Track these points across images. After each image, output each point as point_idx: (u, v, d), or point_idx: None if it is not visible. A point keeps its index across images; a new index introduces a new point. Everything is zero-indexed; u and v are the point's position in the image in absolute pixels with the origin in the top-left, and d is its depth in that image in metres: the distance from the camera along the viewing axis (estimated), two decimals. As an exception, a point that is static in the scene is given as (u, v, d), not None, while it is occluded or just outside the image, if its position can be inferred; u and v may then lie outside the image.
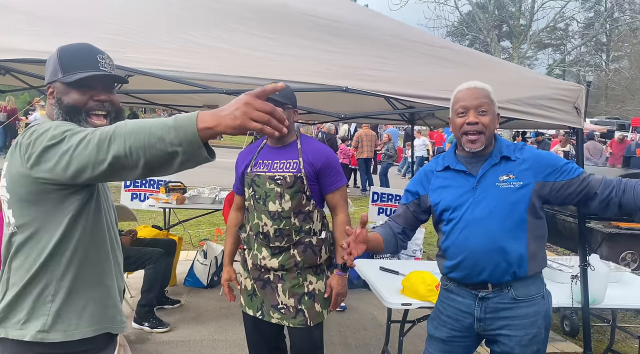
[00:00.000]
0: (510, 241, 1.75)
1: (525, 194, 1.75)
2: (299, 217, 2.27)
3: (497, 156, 1.81)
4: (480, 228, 1.77)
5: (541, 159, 1.80)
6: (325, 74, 2.53)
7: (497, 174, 1.79)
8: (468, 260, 1.81)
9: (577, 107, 2.59)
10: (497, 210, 1.76)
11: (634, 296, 2.86)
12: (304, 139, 2.37)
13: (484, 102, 1.77)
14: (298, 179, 2.25)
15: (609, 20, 17.62)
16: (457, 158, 1.90)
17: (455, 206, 1.82)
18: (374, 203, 6.49)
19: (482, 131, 1.77)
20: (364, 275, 2.99)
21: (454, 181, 1.86)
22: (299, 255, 2.28)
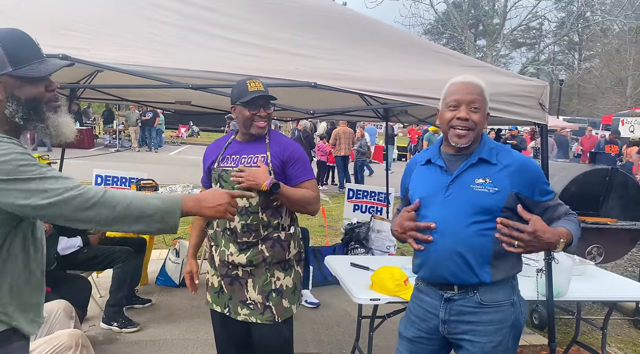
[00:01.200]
0: (473, 245, 1.71)
1: (498, 200, 1.69)
2: (267, 212, 2.25)
3: (475, 157, 1.75)
4: (446, 229, 1.73)
5: (526, 171, 1.73)
6: (294, 71, 2.52)
7: (474, 176, 1.73)
8: (431, 260, 1.78)
9: (541, 103, 2.64)
10: (465, 212, 1.71)
11: (597, 289, 2.93)
12: (272, 134, 2.36)
13: (477, 98, 1.72)
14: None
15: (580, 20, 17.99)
16: (440, 153, 1.85)
17: (426, 202, 1.80)
18: (349, 200, 6.50)
19: (472, 128, 1.72)
20: (334, 271, 2.99)
21: (431, 176, 1.83)
22: (267, 250, 2.26)
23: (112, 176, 5.84)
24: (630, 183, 4.29)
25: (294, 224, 2.39)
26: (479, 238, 1.70)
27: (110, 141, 19.49)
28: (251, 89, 2.21)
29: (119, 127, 19.32)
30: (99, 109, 23.70)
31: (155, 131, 19.28)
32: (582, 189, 4.20)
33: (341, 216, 6.93)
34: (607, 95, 24.87)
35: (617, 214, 4.26)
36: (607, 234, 4.11)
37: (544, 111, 2.65)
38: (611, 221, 4.08)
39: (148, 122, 18.71)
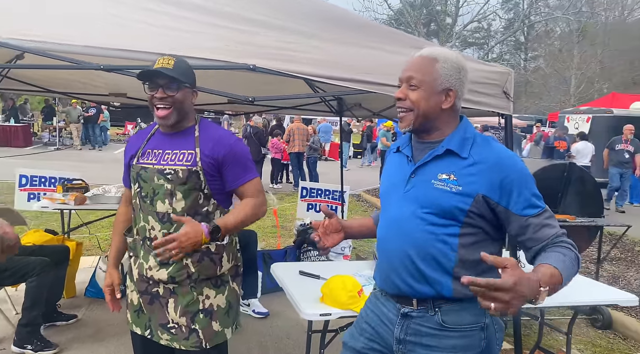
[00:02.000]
0: (427, 251, 1.43)
1: (462, 202, 1.38)
2: (195, 220, 1.89)
3: (442, 147, 1.46)
4: (400, 229, 1.49)
5: (501, 170, 1.37)
6: (229, 51, 2.16)
7: (438, 170, 1.45)
8: (384, 265, 1.55)
9: (506, 91, 2.41)
10: (423, 212, 1.44)
11: (562, 292, 2.74)
12: (204, 126, 1.98)
13: (415, 74, 1.46)
14: (193, 173, 1.87)
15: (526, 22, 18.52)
16: (411, 140, 1.60)
17: (387, 195, 1.58)
18: (302, 199, 6.19)
19: (410, 108, 1.47)
20: (281, 282, 2.65)
21: (397, 166, 1.60)
22: (194, 265, 1.90)
23: (38, 176, 5.27)
24: (587, 179, 4.21)
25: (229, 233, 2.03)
26: (436, 244, 1.42)
27: (49, 139, 18.28)
28: (156, 66, 1.83)
29: (59, 125, 18.15)
30: (39, 105, 22.21)
31: (99, 128, 18.28)
32: (541, 185, 4.02)
33: (295, 215, 6.60)
34: (553, 93, 25.80)
35: (575, 211, 4.15)
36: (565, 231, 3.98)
37: (508, 100, 2.42)
38: (570, 218, 3.96)
39: (91, 118, 17.71)
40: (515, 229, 1.40)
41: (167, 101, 1.85)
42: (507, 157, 1.41)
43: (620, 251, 5.96)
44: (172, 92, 1.85)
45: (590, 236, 4.21)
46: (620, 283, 5.02)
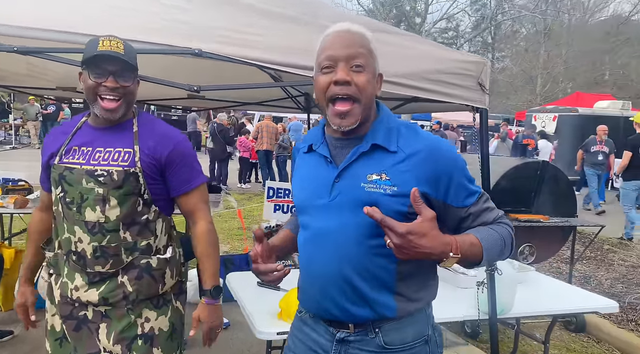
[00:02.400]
0: (366, 267, 1.21)
1: (399, 204, 1.18)
2: (131, 230, 1.62)
3: (367, 142, 1.23)
4: (330, 245, 1.23)
5: (437, 161, 1.20)
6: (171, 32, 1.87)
7: (366, 170, 1.21)
8: (314, 287, 1.28)
9: (481, 83, 2.20)
10: (356, 221, 1.19)
11: (539, 299, 2.58)
12: (143, 120, 1.70)
13: (360, 52, 1.19)
14: (131, 175, 1.59)
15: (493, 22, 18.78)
16: (324, 137, 1.31)
17: (306, 206, 1.30)
18: (269, 199, 5.90)
19: (357, 97, 1.18)
20: (235, 294, 2.39)
21: (313, 169, 1.31)
22: (131, 283, 1.62)
23: (-24, 177, 4.84)
24: (561, 177, 4.09)
25: (173, 245, 1.75)
26: (375, 258, 1.20)
27: (5, 137, 17.39)
28: (101, 48, 1.53)
29: (15, 122, 17.28)
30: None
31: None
32: (514, 184, 3.93)
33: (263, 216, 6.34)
34: (520, 92, 26.26)
35: (548, 210, 4.03)
36: (539, 232, 3.86)
37: (484, 92, 2.22)
38: (544, 218, 3.83)
39: (50, 116, 16.94)
40: (454, 222, 1.25)
41: (119, 91, 1.58)
42: (438, 145, 1.23)
43: (590, 250, 5.93)
44: (126, 81, 1.59)
45: (564, 236, 4.10)
46: (592, 284, 4.96)
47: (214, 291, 1.69)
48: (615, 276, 5.19)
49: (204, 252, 1.71)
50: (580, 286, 4.81)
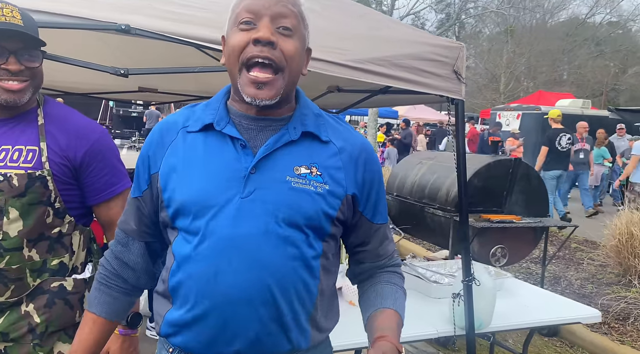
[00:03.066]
0: (295, 288, 0.95)
1: (329, 206, 0.96)
2: (39, 247, 1.31)
3: (296, 129, 0.98)
4: (243, 256, 0.92)
5: (372, 162, 1.04)
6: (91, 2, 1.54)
7: (292, 161, 0.97)
8: (215, 314, 0.93)
9: (456, 71, 1.96)
10: (282, 225, 0.94)
11: (518, 309, 2.37)
12: (52, 109, 1.37)
13: (291, 11, 0.93)
14: (36, 180, 1.28)
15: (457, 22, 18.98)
16: (229, 114, 1.00)
17: (202, 206, 0.94)
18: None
19: (281, 66, 0.92)
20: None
21: (214, 155, 0.97)
22: (39, 313, 1.32)
23: None
24: (533, 176, 3.94)
25: (94, 260, 1.45)
26: (302, 272, 0.96)
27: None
28: None
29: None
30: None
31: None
32: (486, 183, 3.74)
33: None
34: (484, 91, 26.68)
35: (520, 210, 3.87)
36: (511, 233, 3.69)
37: (460, 81, 1.98)
38: (516, 219, 3.66)
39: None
40: (359, 238, 1.08)
41: (24, 74, 1.26)
42: (369, 146, 1.06)
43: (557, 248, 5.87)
44: (32, 61, 1.28)
45: (537, 236, 3.95)
46: (562, 284, 4.86)
47: (132, 319, 1.39)
48: (584, 276, 5.12)
49: None
50: (551, 287, 4.70)
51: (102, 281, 1.10)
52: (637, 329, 3.82)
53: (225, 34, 0.98)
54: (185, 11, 1.65)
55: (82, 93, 4.33)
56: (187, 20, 1.64)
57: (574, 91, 24.15)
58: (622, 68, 28.98)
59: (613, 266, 5.18)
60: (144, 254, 1.09)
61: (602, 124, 12.96)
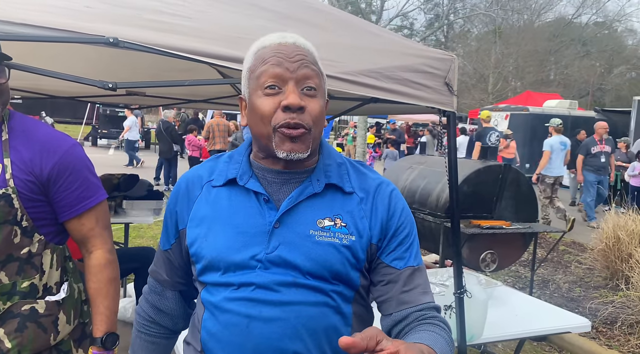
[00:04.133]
0: (327, 333, 0.94)
1: (356, 257, 0.95)
2: (7, 269, 1.26)
3: (320, 181, 0.98)
4: (273, 307, 0.92)
5: (391, 207, 1.00)
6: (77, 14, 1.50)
7: (315, 214, 0.96)
8: None
9: (448, 83, 1.95)
10: (308, 278, 0.94)
11: (509, 318, 2.37)
12: (17, 124, 1.32)
13: (314, 71, 0.94)
14: (2, 199, 1.23)
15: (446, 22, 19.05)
16: (252, 168, 1.01)
17: (229, 263, 0.95)
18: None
19: (308, 127, 0.92)
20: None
21: (238, 211, 0.98)
22: (10, 337, 1.26)
23: None
24: (523, 181, 3.96)
25: (70, 280, 1.40)
26: (333, 319, 0.95)
27: None
28: None
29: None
30: None
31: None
32: (476, 189, 3.75)
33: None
34: (472, 91, 26.84)
35: (510, 215, 3.89)
36: (500, 238, 3.70)
37: (451, 93, 1.97)
38: (506, 224, 3.67)
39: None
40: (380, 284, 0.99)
41: None
42: (393, 192, 1.02)
43: (546, 251, 5.92)
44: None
45: (526, 242, 3.97)
46: (551, 288, 4.90)
47: (107, 340, 1.35)
48: (572, 279, 5.16)
49: (99, 291, 1.37)
50: (540, 291, 4.74)
51: (142, 330, 1.15)
52: (625, 334, 3.86)
53: (246, 95, 0.98)
54: (174, 21, 1.62)
55: (69, 97, 4.27)
56: (176, 30, 1.61)
57: (561, 90, 24.41)
58: (607, 68, 29.38)
59: (600, 270, 5.23)
60: (178, 301, 1.13)
61: (589, 124, 13.12)
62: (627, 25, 32.86)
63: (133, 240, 5.82)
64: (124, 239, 4.28)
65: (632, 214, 5.04)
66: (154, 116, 22.35)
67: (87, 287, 1.39)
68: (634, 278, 4.12)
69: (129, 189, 3.94)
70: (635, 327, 3.94)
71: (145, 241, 6.03)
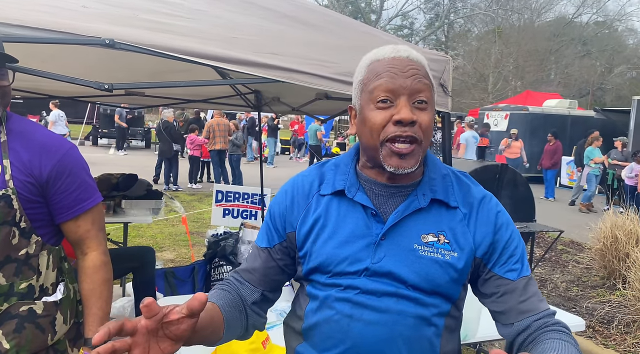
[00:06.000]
0: (420, 342, 0.98)
1: (459, 272, 0.99)
2: (5, 270, 1.28)
3: (425, 196, 1.01)
4: (374, 312, 0.97)
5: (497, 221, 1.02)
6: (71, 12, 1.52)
7: (419, 229, 1.00)
8: None
9: (443, 84, 1.97)
10: (410, 291, 0.98)
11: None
12: (16, 125, 1.34)
13: (425, 85, 0.96)
14: (1, 199, 1.24)
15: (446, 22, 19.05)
16: (359, 179, 1.04)
17: (338, 269, 1.00)
18: (217, 204, 5.55)
19: (420, 140, 0.95)
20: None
21: (345, 220, 1.02)
22: (8, 338, 1.28)
23: None
24: (520, 181, 3.97)
25: (66, 280, 1.41)
26: (426, 330, 0.99)
27: None
28: None
29: None
30: None
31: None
32: (473, 189, 3.76)
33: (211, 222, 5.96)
34: (472, 91, 26.85)
35: (507, 215, 3.90)
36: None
37: (446, 94, 1.99)
38: (503, 224, 3.68)
39: None
40: (495, 296, 1.02)
41: None
42: (495, 204, 1.04)
43: (544, 250, 5.93)
44: (2, 79, 1.27)
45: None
46: (548, 287, 4.91)
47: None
48: (570, 279, 5.18)
49: (93, 292, 1.39)
50: (537, 290, 4.75)
51: (225, 288, 1.09)
52: (621, 333, 3.88)
53: (357, 106, 1.02)
54: (171, 21, 1.64)
55: (69, 97, 4.29)
56: (172, 30, 1.63)
57: (561, 90, 24.42)
58: (608, 67, 29.40)
59: (598, 269, 5.25)
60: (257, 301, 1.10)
61: (588, 124, 13.14)
62: (628, 24, 32.86)
63: (132, 239, 5.85)
64: (122, 239, 4.30)
65: (629, 214, 5.06)
66: (154, 116, 22.36)
67: (80, 287, 1.41)
68: (631, 278, 4.14)
69: (127, 188, 3.95)
70: (631, 326, 3.96)
71: (144, 240, 6.06)
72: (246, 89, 4.43)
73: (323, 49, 1.84)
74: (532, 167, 11.26)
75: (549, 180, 10.86)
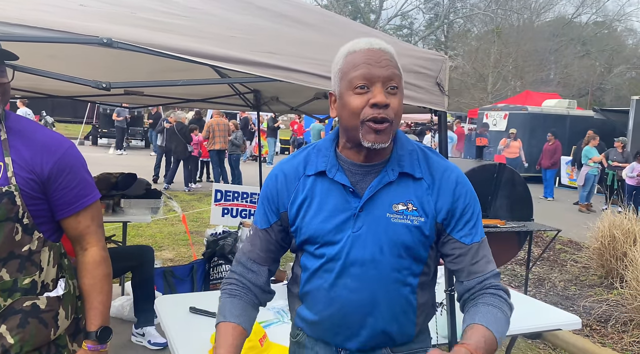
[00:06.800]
0: (398, 299, 1.18)
1: (425, 236, 1.17)
2: (9, 266, 1.29)
3: (394, 170, 1.18)
4: (356, 277, 1.17)
5: (458, 190, 1.18)
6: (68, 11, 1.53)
7: (391, 199, 1.17)
8: (334, 318, 1.21)
9: (439, 83, 1.98)
10: (382, 254, 1.16)
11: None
12: (15, 124, 1.35)
13: (395, 73, 1.13)
14: (4, 196, 1.25)
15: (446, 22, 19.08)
16: (338, 161, 1.20)
17: (324, 240, 1.19)
18: (216, 203, 5.57)
19: (391, 119, 1.11)
20: (163, 324, 2.06)
21: (327, 197, 1.20)
22: (12, 333, 1.29)
23: None
24: (517, 180, 3.99)
25: (66, 276, 1.43)
26: (402, 289, 1.18)
27: None
28: None
29: None
30: None
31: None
32: (471, 188, 3.77)
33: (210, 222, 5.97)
34: (471, 91, 26.86)
35: (504, 214, 3.92)
36: (495, 237, 3.72)
37: (442, 93, 2.00)
38: (500, 223, 3.70)
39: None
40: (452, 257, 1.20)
41: None
42: (458, 174, 1.21)
43: (542, 249, 5.95)
44: (1, 76, 1.28)
45: (521, 240, 4.00)
46: (547, 286, 4.93)
47: (101, 334, 1.39)
48: (568, 278, 5.19)
49: (94, 286, 1.41)
50: (535, 289, 4.77)
51: (235, 294, 1.25)
52: (618, 332, 3.90)
53: (336, 92, 1.17)
54: (168, 20, 1.65)
55: (68, 96, 4.30)
56: (171, 29, 1.63)
57: (561, 90, 24.42)
58: (607, 67, 29.40)
59: (595, 268, 5.26)
60: (267, 277, 1.30)
61: (587, 124, 13.16)
62: (627, 24, 32.89)
63: (132, 239, 5.86)
64: (122, 238, 4.31)
65: (627, 213, 5.07)
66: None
67: (80, 283, 1.42)
68: (628, 277, 4.15)
69: (127, 187, 3.97)
70: (628, 325, 3.97)
71: (143, 239, 6.07)
72: (245, 88, 4.44)
73: (320, 48, 1.85)
74: (531, 166, 11.28)
75: (548, 180, 10.88)
